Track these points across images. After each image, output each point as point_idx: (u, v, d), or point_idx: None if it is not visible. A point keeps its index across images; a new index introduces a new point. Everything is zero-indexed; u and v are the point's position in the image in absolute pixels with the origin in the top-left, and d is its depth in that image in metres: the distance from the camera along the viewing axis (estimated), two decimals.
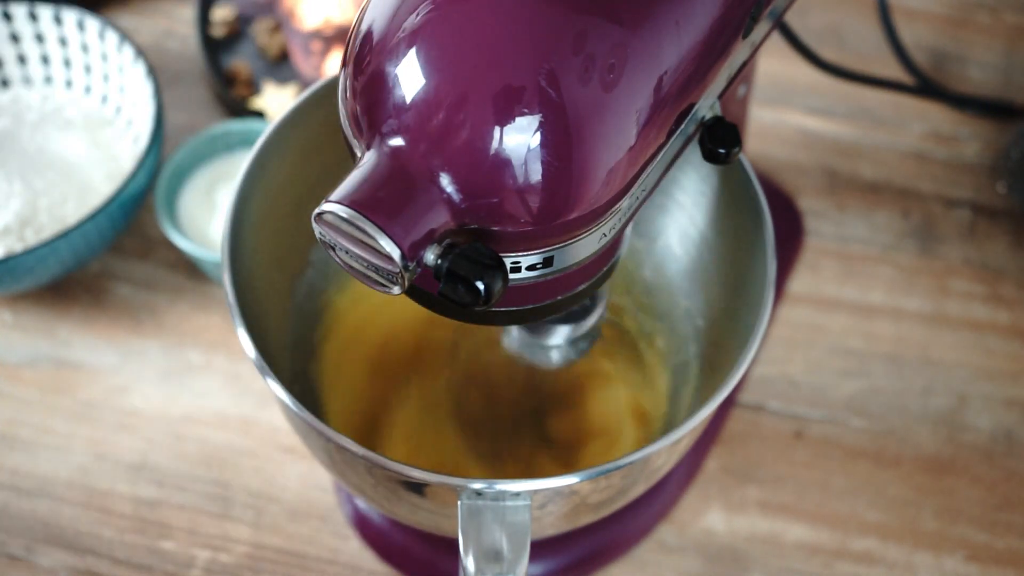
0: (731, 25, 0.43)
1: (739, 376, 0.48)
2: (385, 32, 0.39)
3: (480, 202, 0.38)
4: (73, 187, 0.71)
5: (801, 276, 0.74)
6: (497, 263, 0.38)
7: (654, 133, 0.41)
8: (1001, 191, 0.77)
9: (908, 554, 0.64)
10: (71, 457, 0.66)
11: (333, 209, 0.37)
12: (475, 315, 0.45)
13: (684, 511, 0.65)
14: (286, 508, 0.65)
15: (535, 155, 0.38)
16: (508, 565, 0.44)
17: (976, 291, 0.73)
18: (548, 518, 0.49)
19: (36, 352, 0.70)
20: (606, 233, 0.43)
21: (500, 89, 0.37)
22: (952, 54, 0.84)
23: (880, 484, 0.66)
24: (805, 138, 0.80)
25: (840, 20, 0.85)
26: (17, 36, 0.75)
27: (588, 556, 0.63)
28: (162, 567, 0.63)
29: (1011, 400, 0.69)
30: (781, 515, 0.65)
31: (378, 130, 0.39)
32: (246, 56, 0.81)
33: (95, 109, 0.75)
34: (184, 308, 0.72)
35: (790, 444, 0.68)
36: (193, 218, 0.71)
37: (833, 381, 0.70)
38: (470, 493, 0.45)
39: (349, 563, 0.64)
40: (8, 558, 0.63)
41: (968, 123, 0.80)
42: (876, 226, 0.76)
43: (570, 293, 0.45)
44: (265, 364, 0.47)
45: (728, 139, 0.45)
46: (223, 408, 0.68)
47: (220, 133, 0.73)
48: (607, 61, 0.38)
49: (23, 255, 0.64)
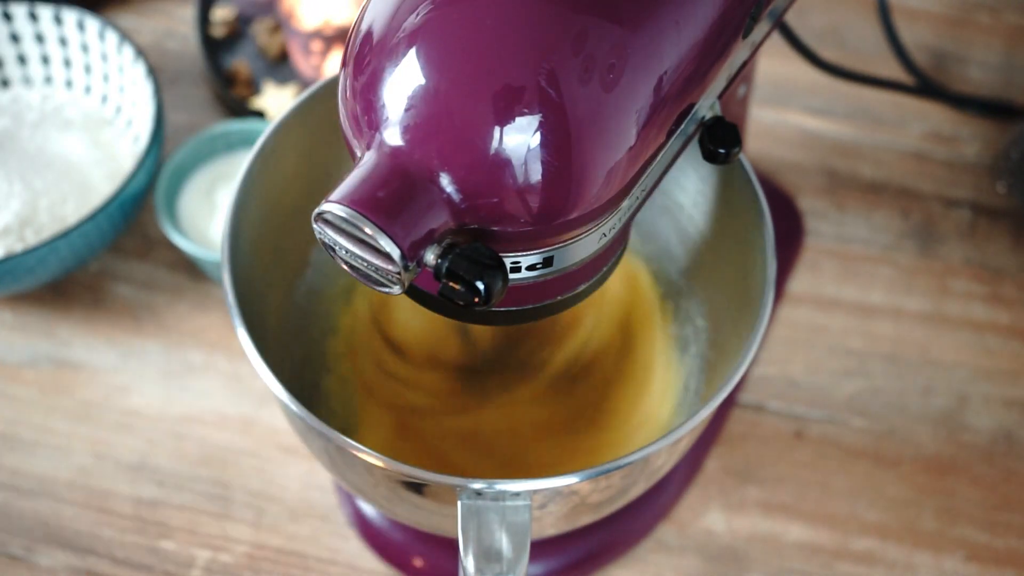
0: (731, 25, 0.43)
1: (739, 376, 0.48)
2: (385, 32, 0.39)
3: (480, 202, 0.38)
4: (73, 187, 0.71)
5: (801, 276, 0.74)
6: (497, 263, 0.38)
7: (654, 133, 0.41)
8: (1001, 191, 0.77)
9: (908, 554, 0.64)
10: (71, 457, 0.66)
11: (333, 209, 0.37)
12: (475, 315, 0.45)
13: (684, 511, 0.65)
14: (286, 508, 0.65)
15: (535, 155, 0.38)
16: (508, 565, 0.44)
17: (976, 291, 0.73)
18: (548, 518, 0.49)
19: (36, 352, 0.70)
20: (606, 233, 0.43)
21: (500, 89, 0.37)
22: (952, 54, 0.84)
23: (880, 484, 0.66)
24: (805, 138, 0.80)
25: (840, 20, 0.85)
26: (17, 36, 0.75)
27: (588, 556, 0.63)
28: (162, 567, 0.63)
29: (1011, 400, 0.69)
30: (781, 515, 0.65)
31: (378, 130, 0.39)
32: (246, 56, 0.81)
33: (95, 109, 0.75)
34: (184, 308, 0.72)
35: (790, 444, 0.68)
36: (193, 218, 0.71)
37: (833, 381, 0.70)
38: (470, 493, 0.45)
39: (349, 563, 0.64)
40: (8, 558, 0.63)
41: (968, 123, 0.80)
42: (876, 226, 0.76)
43: (570, 293, 0.45)
44: (264, 364, 0.47)
45: (728, 139, 0.45)
46: (223, 408, 0.68)
47: (220, 133, 0.73)
48: (607, 61, 0.38)
49: (23, 255, 0.64)
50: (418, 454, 0.58)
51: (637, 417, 0.59)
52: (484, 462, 0.58)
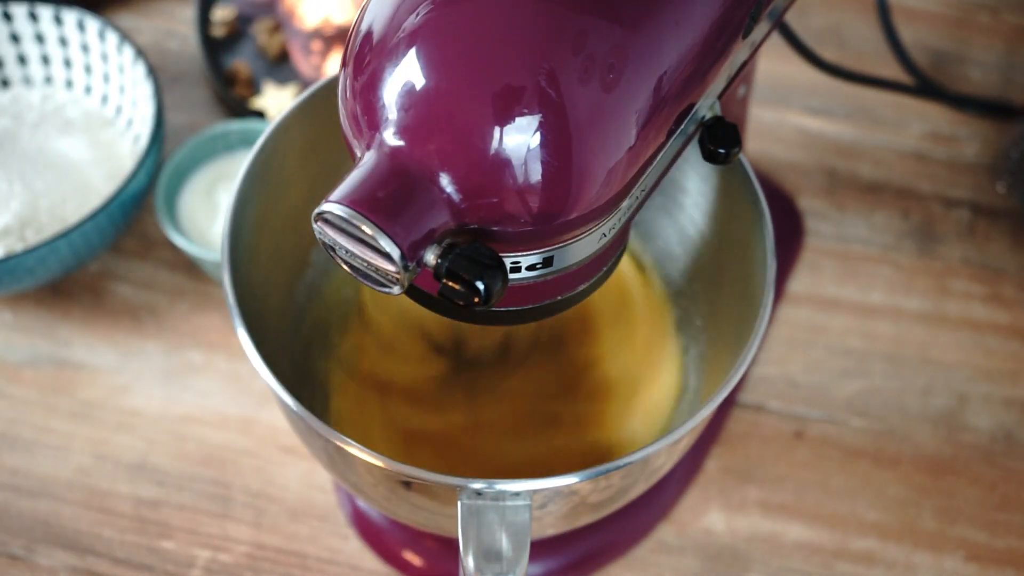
0: (731, 25, 0.43)
1: (739, 376, 0.48)
2: (385, 32, 0.39)
3: (480, 202, 0.38)
4: (73, 187, 0.71)
5: (801, 276, 0.74)
6: (497, 263, 0.38)
7: (654, 133, 0.41)
8: (1001, 191, 0.77)
9: (908, 554, 0.64)
10: (71, 457, 0.66)
11: (333, 209, 0.37)
12: (475, 315, 0.45)
13: (684, 511, 0.65)
14: (286, 508, 0.65)
15: (535, 155, 0.38)
16: (508, 565, 0.44)
17: (976, 291, 0.73)
18: (548, 518, 0.49)
19: (36, 352, 0.70)
20: (606, 233, 0.43)
21: (500, 89, 0.37)
22: (952, 54, 0.84)
23: (880, 484, 0.66)
24: (805, 138, 0.80)
25: (840, 20, 0.85)
26: (17, 36, 0.75)
27: (588, 556, 0.63)
28: (162, 567, 0.63)
29: (1011, 400, 0.69)
30: (781, 515, 0.65)
31: (378, 130, 0.39)
32: (246, 56, 0.81)
33: (95, 109, 0.75)
34: (184, 308, 0.72)
35: (790, 444, 0.68)
36: (193, 218, 0.71)
37: (833, 381, 0.70)
38: (470, 493, 0.45)
39: (349, 563, 0.64)
40: (8, 558, 0.63)
41: (968, 123, 0.80)
42: (876, 226, 0.76)
43: (570, 293, 0.45)
44: (264, 364, 0.47)
45: (728, 139, 0.45)
46: (223, 408, 0.68)
47: (220, 133, 0.73)
48: (607, 61, 0.38)
49: (23, 255, 0.64)
50: (420, 452, 0.58)
51: (637, 417, 0.59)
52: (482, 460, 0.58)
